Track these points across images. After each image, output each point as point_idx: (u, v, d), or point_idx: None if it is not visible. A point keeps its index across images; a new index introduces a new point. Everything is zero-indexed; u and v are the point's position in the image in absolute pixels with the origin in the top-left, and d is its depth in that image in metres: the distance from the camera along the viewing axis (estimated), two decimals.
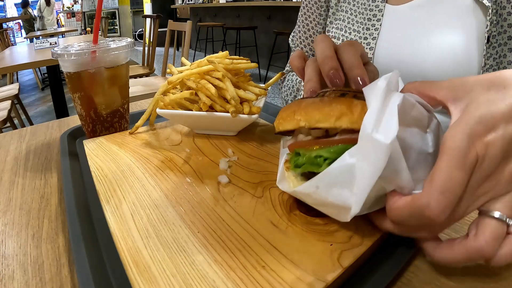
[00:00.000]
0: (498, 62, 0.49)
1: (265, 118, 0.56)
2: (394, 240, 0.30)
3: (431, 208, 0.23)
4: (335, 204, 0.27)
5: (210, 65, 0.45)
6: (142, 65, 2.86)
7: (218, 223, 0.30)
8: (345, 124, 0.28)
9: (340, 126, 0.28)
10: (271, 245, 0.27)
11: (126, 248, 0.27)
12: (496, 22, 0.48)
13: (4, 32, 3.79)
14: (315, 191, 0.27)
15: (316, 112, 0.29)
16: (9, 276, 0.30)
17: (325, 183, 0.27)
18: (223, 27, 4.97)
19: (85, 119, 0.51)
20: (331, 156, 0.28)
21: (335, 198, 0.26)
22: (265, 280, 0.24)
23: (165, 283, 0.24)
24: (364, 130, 0.25)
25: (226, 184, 0.37)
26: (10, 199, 0.42)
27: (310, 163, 0.29)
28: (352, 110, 0.28)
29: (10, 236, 0.35)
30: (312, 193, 0.28)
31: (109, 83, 0.50)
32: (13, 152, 0.55)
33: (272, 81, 0.53)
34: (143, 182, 0.37)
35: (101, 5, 0.52)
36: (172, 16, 7.97)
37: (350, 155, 0.26)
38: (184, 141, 0.48)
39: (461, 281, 0.28)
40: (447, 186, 0.23)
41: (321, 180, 0.27)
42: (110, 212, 0.32)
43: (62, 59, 0.47)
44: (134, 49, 0.72)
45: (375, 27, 0.58)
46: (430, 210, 0.23)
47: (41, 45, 2.30)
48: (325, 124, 0.28)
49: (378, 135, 0.24)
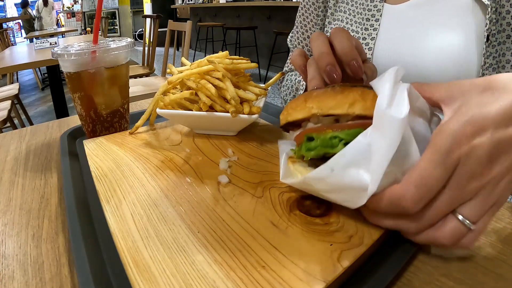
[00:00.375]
0: (497, 61, 0.49)
1: (265, 118, 0.56)
2: (394, 240, 0.30)
3: (406, 199, 0.25)
4: (351, 185, 0.26)
5: (210, 65, 0.45)
6: (142, 65, 2.86)
7: (218, 223, 0.30)
8: (358, 110, 0.28)
9: (353, 113, 0.28)
10: (271, 245, 0.27)
11: (126, 248, 0.27)
12: (496, 20, 0.48)
13: (4, 32, 3.79)
14: (330, 174, 0.27)
15: (329, 99, 0.29)
16: (9, 276, 0.30)
17: (340, 164, 0.26)
18: (223, 27, 4.97)
19: (85, 119, 0.51)
20: (347, 137, 0.28)
21: (352, 178, 0.26)
22: (265, 280, 0.24)
23: (165, 283, 0.24)
24: (378, 108, 0.26)
25: (226, 184, 0.37)
26: (10, 199, 0.42)
27: (324, 145, 0.29)
28: (364, 97, 0.28)
29: (10, 236, 0.35)
30: (326, 176, 0.27)
31: (109, 83, 0.50)
32: (13, 152, 0.55)
33: (272, 81, 0.53)
34: (143, 182, 0.37)
35: (101, 5, 0.52)
36: (172, 16, 7.97)
37: (364, 136, 0.26)
38: (184, 141, 0.48)
39: (460, 281, 0.28)
40: (423, 181, 0.25)
41: (337, 162, 0.27)
42: (110, 212, 0.32)
43: (62, 59, 0.47)
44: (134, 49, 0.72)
45: (374, 27, 0.58)
46: (405, 201, 0.25)
47: (41, 45, 2.30)
48: (338, 111, 0.29)
49: (392, 111, 0.25)
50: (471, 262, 0.30)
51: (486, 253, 0.31)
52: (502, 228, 0.34)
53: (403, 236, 0.29)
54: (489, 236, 0.33)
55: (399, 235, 0.30)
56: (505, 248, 0.31)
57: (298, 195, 0.34)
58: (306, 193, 0.34)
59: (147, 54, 2.74)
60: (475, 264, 0.29)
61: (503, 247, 0.31)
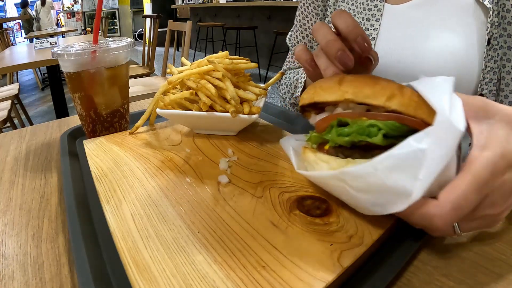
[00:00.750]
0: (499, 65, 0.48)
1: (265, 118, 0.56)
2: (394, 240, 0.30)
3: (440, 218, 0.26)
4: (392, 189, 0.25)
5: (210, 65, 0.45)
6: (142, 65, 2.86)
7: (218, 223, 0.30)
8: (395, 105, 0.27)
9: (389, 107, 0.27)
10: (271, 245, 0.27)
11: (126, 248, 0.27)
12: (498, 24, 0.47)
13: (4, 32, 3.79)
14: (372, 173, 0.25)
15: (366, 88, 0.28)
16: (9, 276, 0.30)
17: (386, 165, 0.25)
18: (223, 27, 4.97)
19: (85, 119, 0.51)
20: (386, 128, 0.27)
21: (395, 182, 0.25)
22: (265, 280, 0.24)
23: (165, 283, 0.24)
24: (442, 115, 0.25)
25: (226, 184, 0.37)
26: (10, 199, 0.42)
27: (360, 132, 0.27)
28: (403, 92, 0.27)
29: (10, 236, 0.35)
30: (367, 174, 0.26)
31: (109, 83, 0.50)
32: (13, 152, 0.55)
33: (272, 81, 0.53)
34: (143, 182, 0.37)
35: (101, 5, 0.52)
36: (172, 16, 7.97)
37: (417, 140, 0.25)
38: (184, 141, 0.48)
39: (461, 281, 0.28)
40: (461, 204, 0.25)
41: (382, 162, 0.25)
42: (110, 212, 0.32)
43: (62, 59, 0.47)
44: (134, 49, 0.72)
45: (374, 27, 0.58)
46: (438, 220, 0.26)
47: (41, 45, 2.30)
48: (375, 101, 0.28)
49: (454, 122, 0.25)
50: (472, 262, 0.30)
51: (486, 253, 0.31)
52: (502, 229, 0.34)
53: (402, 236, 0.29)
54: (489, 236, 0.33)
55: (399, 235, 0.30)
56: (505, 248, 0.31)
57: (298, 195, 0.34)
58: (306, 193, 0.34)
59: (147, 54, 2.74)
60: (475, 264, 0.29)
61: (503, 247, 0.31)
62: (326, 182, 0.30)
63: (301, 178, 0.37)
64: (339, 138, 0.29)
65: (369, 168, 0.26)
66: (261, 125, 0.53)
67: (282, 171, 0.39)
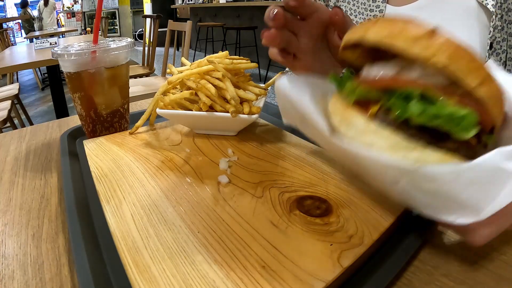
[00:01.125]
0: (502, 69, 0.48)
1: (265, 118, 0.56)
2: (394, 241, 0.30)
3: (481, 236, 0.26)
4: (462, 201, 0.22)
5: (210, 65, 0.45)
6: (142, 65, 2.86)
7: (218, 223, 0.30)
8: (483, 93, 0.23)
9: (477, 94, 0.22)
10: (271, 245, 0.27)
11: (126, 248, 0.27)
12: (501, 28, 0.47)
13: (4, 32, 3.79)
14: (453, 181, 0.22)
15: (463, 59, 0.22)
16: (9, 276, 0.30)
17: (468, 177, 0.22)
18: (223, 27, 4.97)
19: (85, 119, 0.51)
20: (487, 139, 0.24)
21: (470, 196, 0.22)
22: (265, 280, 0.24)
23: (165, 283, 0.24)
24: None
25: (226, 184, 0.37)
26: (10, 199, 0.42)
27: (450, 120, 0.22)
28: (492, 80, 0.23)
29: (10, 236, 0.35)
30: (445, 181, 0.22)
31: (109, 83, 0.50)
32: (13, 152, 0.55)
33: (272, 81, 0.53)
34: (143, 182, 0.37)
35: (101, 5, 0.52)
36: (172, 16, 7.97)
37: (507, 158, 0.21)
38: (184, 141, 0.48)
39: (461, 281, 0.28)
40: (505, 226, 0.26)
41: (466, 172, 0.21)
42: (110, 212, 0.32)
43: (62, 59, 0.47)
44: (134, 49, 0.72)
45: None
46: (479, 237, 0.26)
47: (41, 45, 2.29)
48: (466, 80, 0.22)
49: None
50: (472, 262, 0.30)
51: (486, 253, 0.30)
52: None
53: (402, 236, 0.29)
54: None
55: (399, 235, 0.30)
56: (505, 249, 0.31)
57: (298, 195, 0.34)
58: (306, 193, 0.34)
59: (147, 54, 2.74)
60: (476, 264, 0.29)
61: (503, 248, 0.31)
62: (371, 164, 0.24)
63: (301, 178, 0.37)
64: (422, 118, 0.22)
65: (451, 175, 0.22)
66: (261, 125, 0.53)
67: (282, 171, 0.39)
